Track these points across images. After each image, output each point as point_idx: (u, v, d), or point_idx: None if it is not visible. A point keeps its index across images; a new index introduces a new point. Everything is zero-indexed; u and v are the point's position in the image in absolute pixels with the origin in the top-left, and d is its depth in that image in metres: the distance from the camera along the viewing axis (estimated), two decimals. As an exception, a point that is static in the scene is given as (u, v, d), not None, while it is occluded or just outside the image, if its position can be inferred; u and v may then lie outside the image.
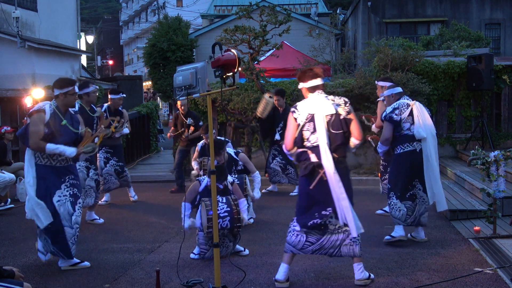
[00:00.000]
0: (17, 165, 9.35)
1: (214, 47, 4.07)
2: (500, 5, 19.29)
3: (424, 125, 5.66)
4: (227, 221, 5.09)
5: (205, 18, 27.35)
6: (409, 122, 5.70)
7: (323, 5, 28.31)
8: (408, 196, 5.71)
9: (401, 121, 5.70)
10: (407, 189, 5.72)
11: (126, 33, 58.37)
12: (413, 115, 5.70)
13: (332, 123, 4.42)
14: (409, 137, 5.70)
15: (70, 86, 5.13)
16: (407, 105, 5.76)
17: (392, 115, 5.73)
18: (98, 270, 5.12)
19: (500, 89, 10.87)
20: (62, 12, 17.16)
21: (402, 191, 5.72)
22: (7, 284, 3.35)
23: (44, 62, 14.80)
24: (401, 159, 5.77)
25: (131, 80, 21.43)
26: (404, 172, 5.73)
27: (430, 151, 5.64)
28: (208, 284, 4.24)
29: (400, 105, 5.77)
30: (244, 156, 7.10)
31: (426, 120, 5.71)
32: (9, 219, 7.52)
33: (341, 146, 4.46)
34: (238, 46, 10.30)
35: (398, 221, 5.73)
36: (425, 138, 5.63)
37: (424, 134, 5.63)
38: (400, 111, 5.71)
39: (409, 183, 5.71)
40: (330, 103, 4.45)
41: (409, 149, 5.71)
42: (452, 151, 10.97)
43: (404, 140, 5.72)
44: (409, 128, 5.71)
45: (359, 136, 4.54)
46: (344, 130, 4.45)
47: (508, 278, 4.59)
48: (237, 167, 6.86)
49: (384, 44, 11.34)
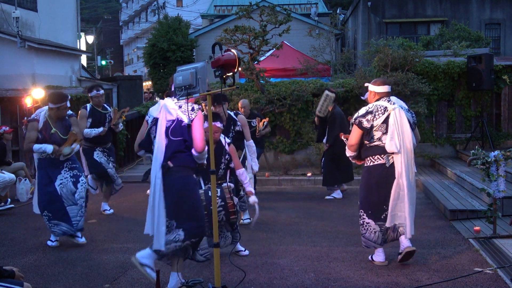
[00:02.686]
0: (17, 165, 9.35)
1: (214, 47, 4.06)
2: (500, 5, 19.29)
3: (401, 136, 4.84)
4: (222, 215, 4.98)
5: (205, 18, 27.35)
6: (382, 131, 4.90)
7: (323, 5, 28.31)
8: (383, 218, 4.99)
9: (372, 128, 4.91)
10: (381, 209, 4.99)
11: (126, 33, 58.36)
12: (388, 123, 4.88)
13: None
14: (380, 149, 4.92)
15: (62, 102, 5.91)
16: (384, 109, 4.91)
17: (362, 120, 4.94)
18: (98, 270, 5.12)
19: (500, 89, 10.87)
20: (62, 12, 17.16)
21: (375, 210, 5.01)
22: (7, 284, 3.35)
23: (44, 62, 14.80)
24: (369, 173, 5.04)
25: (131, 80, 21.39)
26: (374, 190, 5.00)
27: (401, 169, 4.85)
28: (208, 284, 4.24)
29: (375, 108, 4.94)
30: (243, 118, 6.90)
31: (404, 131, 4.87)
32: (9, 219, 7.53)
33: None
34: (238, 46, 10.31)
35: (373, 244, 5.07)
36: (399, 152, 4.84)
37: (396, 147, 4.82)
38: (373, 116, 4.90)
39: (383, 203, 4.97)
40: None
41: (378, 163, 4.95)
42: (452, 151, 10.97)
43: (375, 151, 4.95)
44: (380, 138, 4.91)
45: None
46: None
47: (508, 278, 4.59)
48: (236, 127, 6.63)
49: (384, 44, 11.34)
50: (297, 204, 8.15)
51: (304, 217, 7.22)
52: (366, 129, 4.92)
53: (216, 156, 5.21)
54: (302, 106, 10.56)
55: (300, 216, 7.29)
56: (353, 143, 5.04)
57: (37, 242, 6.17)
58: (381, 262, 5.08)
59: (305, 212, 7.53)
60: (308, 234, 6.30)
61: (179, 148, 4.25)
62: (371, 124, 4.89)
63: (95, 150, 7.49)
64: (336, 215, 7.38)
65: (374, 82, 5.13)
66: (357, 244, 5.78)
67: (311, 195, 8.86)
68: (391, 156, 4.90)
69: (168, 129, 4.26)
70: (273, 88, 10.65)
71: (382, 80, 5.13)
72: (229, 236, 5.30)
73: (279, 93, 10.44)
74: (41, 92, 10.33)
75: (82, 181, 6.08)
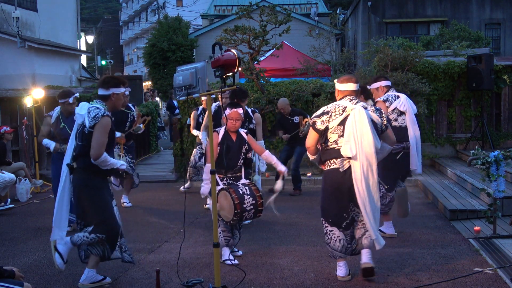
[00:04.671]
0: (17, 165, 9.34)
1: (214, 47, 4.06)
2: (500, 5, 19.30)
3: (359, 140, 4.40)
4: (251, 213, 5.06)
5: (205, 18, 27.37)
6: (338, 133, 4.49)
7: (323, 5, 28.33)
8: (345, 226, 4.61)
9: (327, 130, 4.53)
10: (341, 217, 4.59)
11: (126, 33, 58.36)
12: (345, 125, 4.45)
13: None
14: (336, 152, 4.51)
15: (65, 98, 6.53)
16: (343, 109, 4.48)
17: (317, 121, 4.55)
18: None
19: (500, 89, 10.87)
20: (62, 12, 17.17)
21: (335, 218, 4.61)
22: (7, 284, 3.35)
23: (44, 62, 14.81)
24: (326, 179, 4.67)
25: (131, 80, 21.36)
26: (331, 196, 4.62)
27: (358, 175, 4.41)
28: (208, 284, 4.24)
29: (333, 108, 4.52)
30: (259, 116, 7.03)
31: (364, 133, 4.40)
32: (9, 219, 7.53)
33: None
34: (238, 46, 10.31)
35: (338, 253, 4.66)
36: (355, 157, 4.41)
37: (351, 151, 4.39)
38: (329, 116, 4.49)
39: (342, 210, 4.57)
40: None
41: (333, 167, 4.56)
42: (452, 151, 10.97)
43: (331, 155, 4.56)
44: (337, 141, 4.51)
45: None
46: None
47: (508, 278, 4.59)
48: (250, 124, 6.82)
49: (384, 44, 11.34)
50: (297, 204, 8.14)
51: (304, 217, 7.22)
52: (319, 131, 4.54)
53: (237, 149, 5.25)
54: (302, 106, 10.55)
55: (300, 216, 7.29)
56: (309, 145, 4.67)
57: (37, 242, 6.17)
58: (342, 277, 4.66)
59: (305, 212, 7.52)
60: (308, 234, 6.30)
61: (82, 152, 4.47)
62: (325, 125, 4.49)
63: (116, 146, 7.82)
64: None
65: (339, 79, 4.72)
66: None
67: (311, 195, 8.85)
68: (347, 160, 4.47)
69: (77, 132, 4.53)
70: (273, 88, 10.65)
71: (347, 77, 4.69)
72: (237, 234, 5.34)
73: (279, 93, 10.43)
74: (41, 92, 10.34)
75: None
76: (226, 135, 5.26)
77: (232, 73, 4.05)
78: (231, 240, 5.24)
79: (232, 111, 5.20)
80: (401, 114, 5.94)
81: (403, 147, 5.92)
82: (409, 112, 5.93)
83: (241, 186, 5.14)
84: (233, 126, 5.25)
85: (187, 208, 5.72)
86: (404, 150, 5.94)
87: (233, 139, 5.28)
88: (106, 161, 4.44)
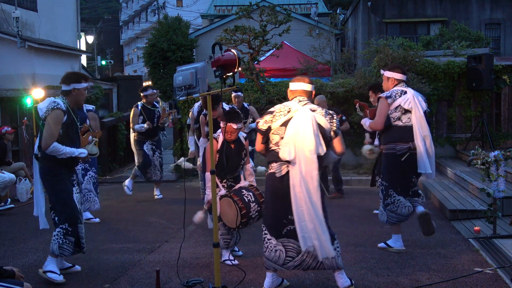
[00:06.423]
0: (17, 165, 9.35)
1: (214, 47, 4.06)
2: (500, 5, 19.29)
3: (300, 143, 4.08)
4: (255, 219, 5.13)
5: (205, 18, 27.36)
6: (280, 134, 4.19)
7: (323, 5, 28.31)
8: (286, 233, 4.22)
9: (269, 131, 4.24)
10: (281, 223, 4.23)
11: (126, 33, 58.38)
12: (287, 126, 4.16)
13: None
14: (275, 155, 4.21)
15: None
16: (287, 110, 4.21)
17: (260, 121, 4.32)
18: (98, 270, 5.12)
19: (500, 89, 10.87)
20: (62, 12, 17.17)
21: (274, 225, 4.26)
22: (7, 284, 3.35)
23: (44, 62, 14.81)
24: (266, 183, 4.36)
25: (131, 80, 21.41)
26: (270, 201, 4.31)
27: (296, 180, 4.05)
28: (208, 284, 4.24)
29: (279, 108, 4.28)
30: (253, 108, 7.51)
31: (306, 137, 4.08)
32: (9, 219, 7.53)
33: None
34: (238, 46, 10.32)
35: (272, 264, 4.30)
36: (293, 161, 4.08)
37: (289, 155, 4.07)
38: (273, 116, 4.23)
39: (282, 216, 4.21)
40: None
41: (272, 171, 4.26)
42: (452, 151, 10.97)
43: (272, 157, 4.27)
44: (278, 143, 4.21)
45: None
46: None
47: (508, 278, 4.59)
48: (247, 119, 7.22)
49: (384, 44, 11.34)
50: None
51: (304, 217, 7.20)
52: (261, 131, 4.29)
53: (237, 155, 5.25)
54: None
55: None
56: (257, 148, 4.44)
57: (37, 242, 6.17)
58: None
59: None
60: (308, 234, 6.29)
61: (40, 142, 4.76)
62: (268, 125, 4.22)
63: (146, 142, 8.43)
64: (336, 215, 7.36)
65: (293, 79, 4.48)
66: (357, 244, 5.78)
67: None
68: (286, 165, 4.15)
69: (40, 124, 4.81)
70: (273, 88, 10.65)
71: (300, 77, 4.44)
72: (238, 235, 5.35)
73: (279, 93, 10.43)
74: (41, 92, 10.33)
75: (90, 175, 7.00)
76: (225, 142, 5.25)
77: (232, 73, 4.05)
78: (231, 242, 5.25)
79: (227, 126, 5.11)
80: (406, 112, 5.43)
81: (409, 148, 5.40)
82: (415, 110, 5.42)
83: (245, 192, 5.11)
84: (229, 138, 5.21)
85: (187, 208, 5.71)
86: (410, 151, 5.39)
87: (231, 146, 5.29)
88: (58, 151, 4.65)
